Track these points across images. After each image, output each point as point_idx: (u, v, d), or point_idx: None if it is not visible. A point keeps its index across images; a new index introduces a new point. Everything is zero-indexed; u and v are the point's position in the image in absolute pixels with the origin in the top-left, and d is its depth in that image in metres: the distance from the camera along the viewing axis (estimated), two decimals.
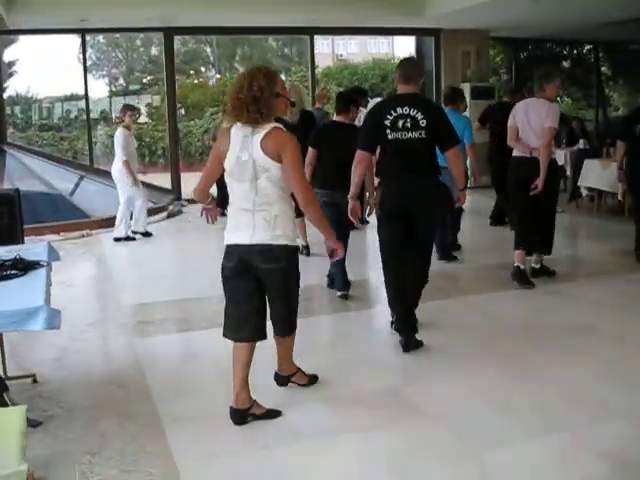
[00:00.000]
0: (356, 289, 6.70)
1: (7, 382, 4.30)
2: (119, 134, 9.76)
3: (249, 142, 3.71)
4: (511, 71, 17.02)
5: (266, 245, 3.80)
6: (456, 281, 7.36)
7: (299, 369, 4.48)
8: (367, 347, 5.36)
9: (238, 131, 3.76)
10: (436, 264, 7.06)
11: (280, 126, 3.78)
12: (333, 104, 7.75)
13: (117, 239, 9.86)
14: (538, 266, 7.09)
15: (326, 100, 11.46)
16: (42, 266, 3.91)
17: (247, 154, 3.70)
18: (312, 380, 4.52)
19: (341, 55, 32.17)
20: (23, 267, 3.82)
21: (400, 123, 5.00)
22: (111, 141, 11.24)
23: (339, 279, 6.59)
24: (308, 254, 8.15)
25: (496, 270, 7.37)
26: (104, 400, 4.38)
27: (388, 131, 5.02)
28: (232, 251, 3.91)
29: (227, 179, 3.86)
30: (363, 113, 9.30)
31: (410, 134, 4.99)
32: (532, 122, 6.68)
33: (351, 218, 5.28)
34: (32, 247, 4.65)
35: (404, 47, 27.24)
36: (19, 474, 2.40)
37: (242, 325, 3.96)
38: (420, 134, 4.99)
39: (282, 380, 4.46)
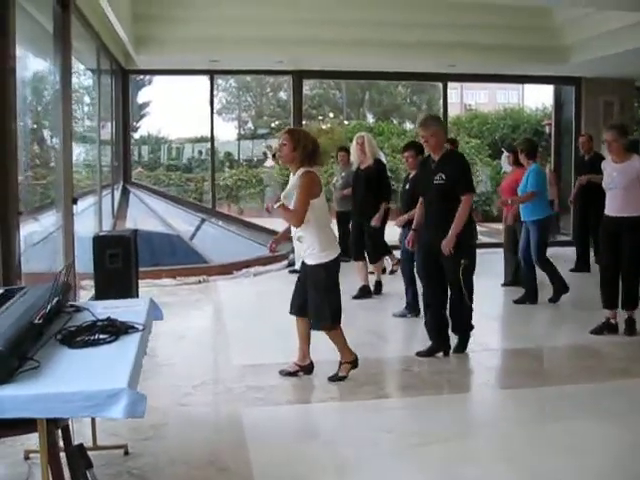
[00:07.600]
0: None
1: (97, 452, 3.88)
2: None
3: None
4: None
5: None
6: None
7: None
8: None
9: None
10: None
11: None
12: None
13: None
14: None
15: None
16: (137, 330, 3.34)
17: None
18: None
19: (470, 105, 31.48)
20: (115, 331, 3.26)
21: None
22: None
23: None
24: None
25: None
26: None
27: None
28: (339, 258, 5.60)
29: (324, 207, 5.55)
30: None
31: None
32: None
33: None
34: (132, 304, 4.13)
35: (535, 97, 26.03)
36: None
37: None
38: None
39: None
